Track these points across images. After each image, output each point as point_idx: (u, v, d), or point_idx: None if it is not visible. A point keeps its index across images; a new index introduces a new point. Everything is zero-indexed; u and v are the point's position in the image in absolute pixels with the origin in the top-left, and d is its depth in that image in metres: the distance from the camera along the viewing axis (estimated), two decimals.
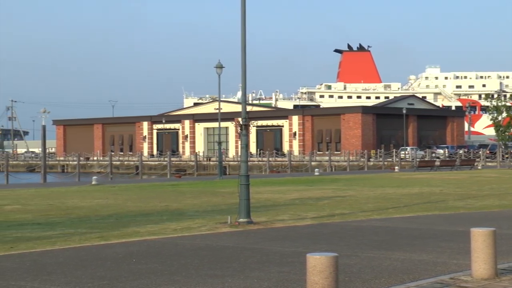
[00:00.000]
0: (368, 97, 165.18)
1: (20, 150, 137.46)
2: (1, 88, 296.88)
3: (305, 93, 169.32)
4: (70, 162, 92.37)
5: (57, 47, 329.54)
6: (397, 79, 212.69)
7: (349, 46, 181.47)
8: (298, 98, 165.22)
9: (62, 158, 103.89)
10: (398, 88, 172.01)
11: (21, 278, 10.22)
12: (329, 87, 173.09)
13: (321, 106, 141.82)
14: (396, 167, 59.77)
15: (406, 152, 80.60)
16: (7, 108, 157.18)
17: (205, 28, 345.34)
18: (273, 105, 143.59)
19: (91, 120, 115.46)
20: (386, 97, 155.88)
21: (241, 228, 16.63)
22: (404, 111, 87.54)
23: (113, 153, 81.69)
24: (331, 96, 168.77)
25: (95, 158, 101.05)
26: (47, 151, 79.15)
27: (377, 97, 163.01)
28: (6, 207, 23.11)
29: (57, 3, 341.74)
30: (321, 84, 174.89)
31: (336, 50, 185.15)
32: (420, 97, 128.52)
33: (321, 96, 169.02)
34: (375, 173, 55.36)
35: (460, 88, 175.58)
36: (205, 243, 13.92)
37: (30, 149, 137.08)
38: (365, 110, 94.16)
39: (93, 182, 38.12)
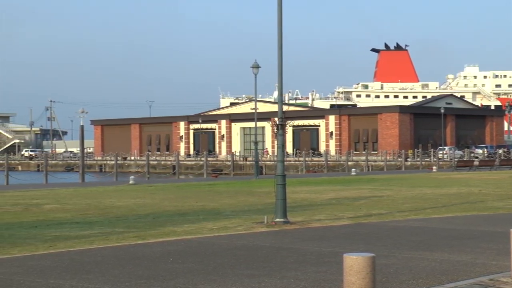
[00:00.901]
0: (405, 97, 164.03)
1: (59, 150, 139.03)
2: (41, 89, 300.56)
3: (342, 92, 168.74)
4: (108, 162, 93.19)
5: (95, 48, 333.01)
6: (435, 78, 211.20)
7: (386, 45, 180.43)
8: (334, 97, 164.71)
9: (100, 158, 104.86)
10: (436, 88, 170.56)
11: (60, 276, 10.32)
12: (366, 87, 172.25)
13: (358, 106, 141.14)
14: (434, 167, 59.22)
15: (444, 152, 79.85)
16: (46, 109, 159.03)
17: (242, 28, 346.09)
18: (309, 105, 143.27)
19: (129, 120, 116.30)
20: (423, 97, 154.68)
21: (277, 228, 16.61)
22: (442, 111, 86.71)
23: (150, 153, 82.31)
24: (368, 96, 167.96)
25: (132, 158, 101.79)
26: (85, 151, 79.91)
27: (415, 97, 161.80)
28: (45, 206, 23.36)
29: (95, 4, 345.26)
30: (358, 84, 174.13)
31: (373, 50, 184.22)
32: (459, 96, 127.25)
33: (358, 96, 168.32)
34: (412, 173, 54.93)
35: (500, 87, 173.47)
36: (242, 243, 13.92)
37: (69, 149, 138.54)
38: (402, 109, 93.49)
39: (131, 182, 38.38)
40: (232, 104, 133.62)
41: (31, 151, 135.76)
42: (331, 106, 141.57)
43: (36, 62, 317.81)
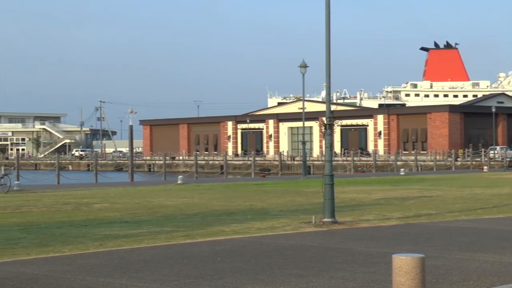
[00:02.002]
0: (455, 96, 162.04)
1: (108, 150, 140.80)
2: (91, 89, 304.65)
3: (391, 92, 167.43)
4: (157, 162, 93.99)
5: (144, 50, 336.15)
6: (485, 77, 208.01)
7: (435, 44, 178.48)
8: (383, 97, 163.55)
9: (148, 158, 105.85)
10: (487, 86, 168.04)
11: (110, 275, 10.43)
12: (415, 86, 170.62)
13: (406, 105, 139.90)
14: (485, 167, 58.35)
15: (496, 152, 78.63)
16: (96, 109, 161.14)
17: (289, 28, 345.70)
18: (357, 104, 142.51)
19: (177, 120, 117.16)
20: (474, 96, 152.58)
21: (325, 228, 16.54)
22: (493, 110, 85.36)
23: (198, 152, 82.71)
24: (417, 95, 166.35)
25: (180, 157, 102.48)
26: (134, 150, 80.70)
27: (465, 96, 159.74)
28: (95, 206, 23.65)
29: (144, 7, 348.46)
30: (406, 83, 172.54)
31: (423, 48, 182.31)
32: (511, 95, 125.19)
33: (407, 95, 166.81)
34: (462, 173, 54.22)
35: None
36: (290, 243, 13.89)
37: (118, 149, 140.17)
38: (452, 109, 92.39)
39: (179, 181, 38.63)
40: (279, 104, 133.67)
41: (81, 151, 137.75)
42: (380, 105, 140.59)
43: (86, 63, 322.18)
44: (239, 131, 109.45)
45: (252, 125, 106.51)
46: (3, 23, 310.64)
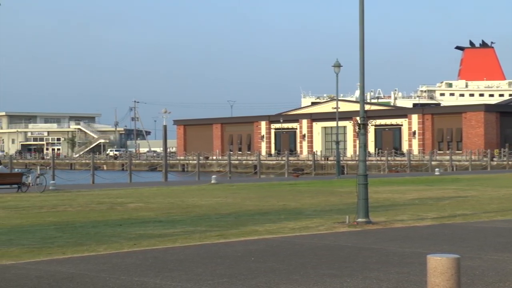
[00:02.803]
0: (491, 95, 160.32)
1: (143, 150, 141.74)
2: (125, 90, 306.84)
3: (425, 91, 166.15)
4: (190, 161, 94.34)
5: (178, 50, 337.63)
6: None
7: (471, 43, 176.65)
8: (417, 96, 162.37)
9: (182, 157, 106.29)
10: None
11: (144, 274, 10.48)
12: (450, 85, 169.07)
13: (441, 105, 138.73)
14: None
15: None
16: (130, 109, 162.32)
17: (323, 27, 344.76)
18: (392, 104, 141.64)
19: (210, 120, 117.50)
20: (510, 95, 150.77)
21: (359, 228, 16.47)
22: None
23: (231, 152, 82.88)
24: (452, 94, 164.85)
25: (214, 157, 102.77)
26: (168, 150, 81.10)
27: (501, 95, 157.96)
28: (129, 205, 23.80)
29: (176, 8, 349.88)
30: (441, 82, 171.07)
31: (458, 47, 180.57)
32: None
33: (442, 94, 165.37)
34: (498, 173, 53.62)
35: None
36: (323, 243, 13.85)
37: (152, 149, 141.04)
38: (488, 108, 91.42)
39: (213, 181, 38.73)
40: (313, 103, 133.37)
41: (115, 150, 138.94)
42: (414, 105, 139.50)
43: (120, 64, 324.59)
44: (272, 131, 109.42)
45: (285, 125, 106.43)
46: (39, 24, 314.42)
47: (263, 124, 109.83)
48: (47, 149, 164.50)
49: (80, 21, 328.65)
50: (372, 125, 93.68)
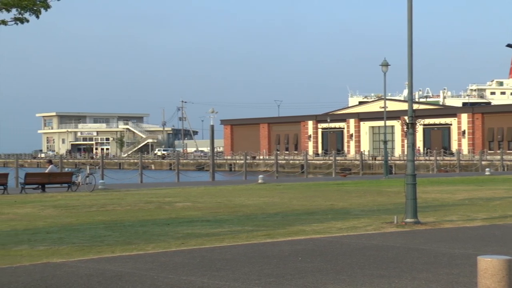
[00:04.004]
0: None
1: (190, 149, 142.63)
2: (173, 90, 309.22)
3: (475, 90, 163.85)
4: (237, 161, 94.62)
5: (224, 51, 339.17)
6: None
7: None
8: (467, 95, 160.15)
9: (229, 157, 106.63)
10: None
11: (191, 273, 10.54)
12: (500, 84, 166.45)
13: (492, 104, 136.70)
14: None
15: None
16: (177, 109, 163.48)
17: (370, 26, 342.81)
18: (441, 103, 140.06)
19: (257, 120, 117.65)
20: None
21: (407, 228, 16.32)
22: None
23: (278, 152, 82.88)
24: (503, 93, 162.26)
25: (261, 157, 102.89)
26: (215, 150, 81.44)
27: None
28: (177, 204, 23.95)
29: (222, 10, 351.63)
30: (492, 81, 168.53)
31: (509, 45, 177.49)
32: None
33: (492, 93, 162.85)
34: None
35: None
36: (371, 243, 13.76)
37: (199, 148, 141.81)
38: None
39: (260, 181, 38.77)
40: (360, 103, 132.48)
41: (163, 150, 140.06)
42: (464, 104, 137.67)
43: (168, 65, 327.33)
44: (319, 131, 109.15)
45: (332, 125, 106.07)
46: (91, 26, 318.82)
47: (310, 123, 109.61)
48: (96, 149, 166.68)
49: (128, 23, 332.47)
50: (420, 125, 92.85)
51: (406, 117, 17.87)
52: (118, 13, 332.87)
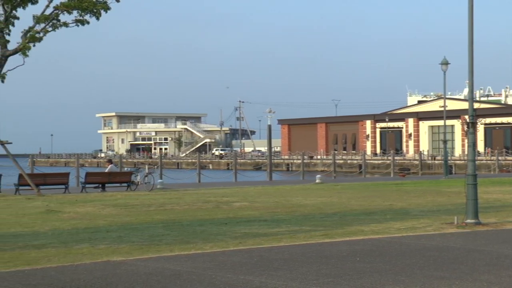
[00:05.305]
0: None
1: (247, 149, 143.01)
2: (230, 90, 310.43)
3: None
4: (295, 161, 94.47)
5: (280, 51, 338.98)
6: None
7: None
8: None
9: (286, 157, 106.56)
10: None
11: (249, 272, 10.55)
12: None
13: None
14: None
15: None
16: (235, 109, 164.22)
17: (430, 24, 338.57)
18: (503, 102, 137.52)
19: (315, 119, 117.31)
20: None
21: (468, 229, 16.06)
22: None
23: (336, 151, 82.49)
24: None
25: (318, 157, 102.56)
26: (273, 150, 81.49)
27: None
28: (235, 204, 24.02)
29: (278, 10, 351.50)
30: None
31: None
32: None
33: None
34: None
35: None
36: (430, 244, 13.57)
37: (257, 148, 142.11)
38: None
39: (317, 181, 38.65)
40: (419, 102, 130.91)
41: (221, 150, 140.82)
42: None
43: (225, 65, 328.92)
44: (377, 130, 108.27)
45: (391, 124, 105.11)
46: (148, 26, 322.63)
47: (368, 123, 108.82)
48: (154, 148, 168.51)
49: (186, 22, 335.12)
50: (481, 124, 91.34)
51: (466, 116, 17.58)
52: (176, 16, 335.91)
